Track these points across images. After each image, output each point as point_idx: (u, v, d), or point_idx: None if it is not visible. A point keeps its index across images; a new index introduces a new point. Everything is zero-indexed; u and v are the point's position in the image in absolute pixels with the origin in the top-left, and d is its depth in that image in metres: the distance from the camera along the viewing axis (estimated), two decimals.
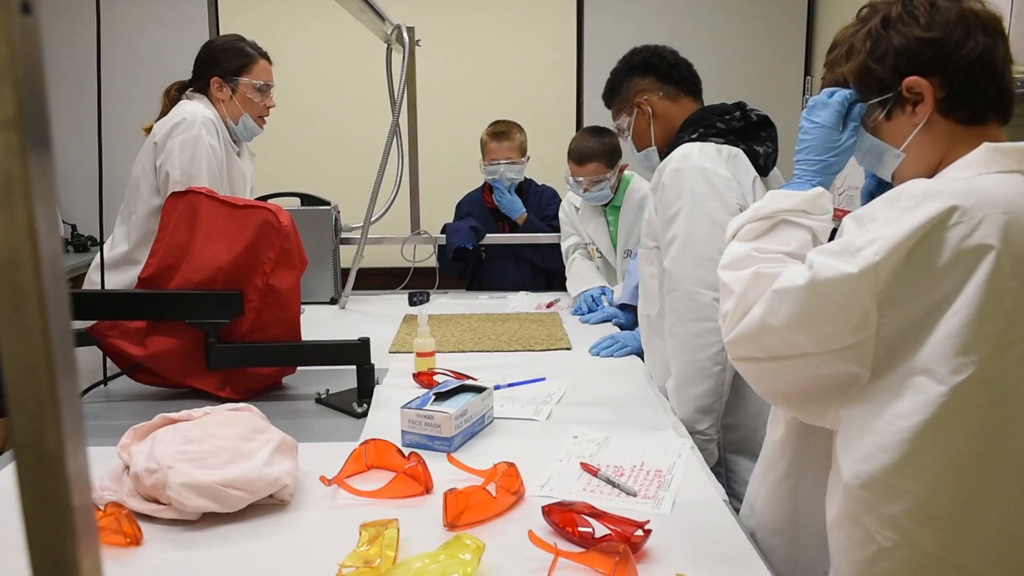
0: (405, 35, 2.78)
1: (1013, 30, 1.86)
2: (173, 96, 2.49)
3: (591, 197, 2.62)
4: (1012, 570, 0.96)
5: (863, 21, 1.14)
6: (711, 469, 1.43)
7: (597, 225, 2.69)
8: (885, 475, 0.96)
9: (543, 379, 1.88)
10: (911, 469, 0.95)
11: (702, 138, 1.76)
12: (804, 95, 3.38)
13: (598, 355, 2.10)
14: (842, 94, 1.18)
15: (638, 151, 1.99)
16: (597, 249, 2.73)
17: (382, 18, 2.66)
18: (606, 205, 2.69)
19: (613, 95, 2.00)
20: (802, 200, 1.17)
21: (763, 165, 1.77)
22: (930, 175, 1.09)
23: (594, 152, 2.56)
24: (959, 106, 1.08)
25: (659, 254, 1.76)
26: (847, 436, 1.01)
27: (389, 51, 2.95)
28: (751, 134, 1.80)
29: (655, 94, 1.91)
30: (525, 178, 3.09)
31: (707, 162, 1.67)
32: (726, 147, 1.74)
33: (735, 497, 1.65)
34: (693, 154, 1.69)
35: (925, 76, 1.08)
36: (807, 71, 4.27)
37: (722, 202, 1.64)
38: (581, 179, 2.58)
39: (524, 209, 3.03)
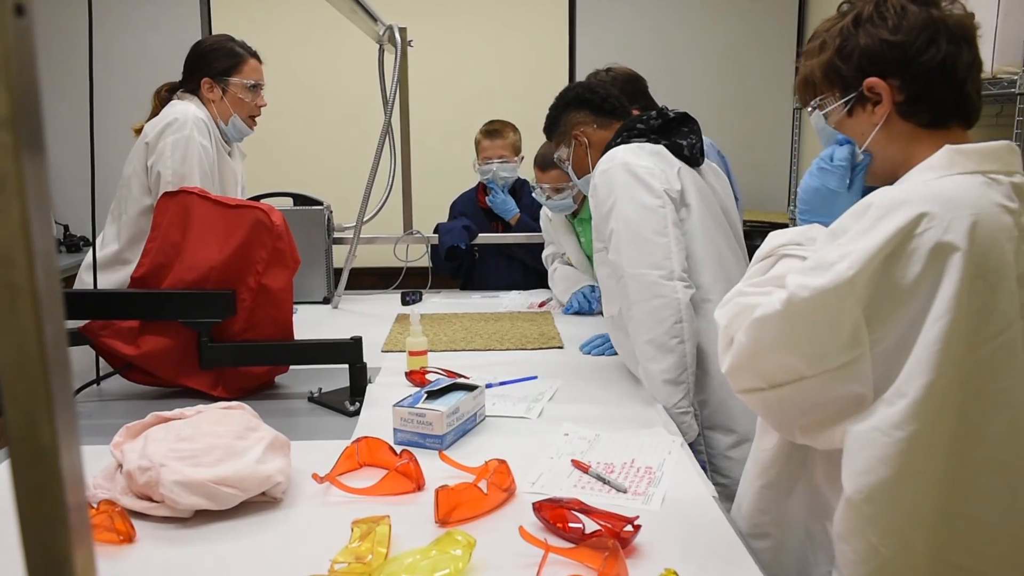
0: (397, 36, 2.79)
1: (1000, 32, 1.88)
2: (164, 97, 2.49)
3: (553, 205, 2.60)
4: (997, 560, 0.99)
5: (840, 16, 1.17)
6: (690, 445, 1.50)
7: (567, 236, 2.68)
8: (886, 487, 0.97)
9: (535, 377, 1.89)
10: (908, 478, 0.96)
11: (625, 140, 1.89)
12: (794, 96, 3.39)
13: (589, 354, 2.11)
14: (845, 155, 1.20)
15: (578, 178, 2.12)
16: (569, 261, 2.73)
17: (374, 19, 2.67)
18: (573, 216, 2.68)
19: (552, 129, 2.13)
20: (795, 234, 1.19)
21: (689, 155, 1.88)
22: (895, 174, 1.13)
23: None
24: (918, 110, 1.11)
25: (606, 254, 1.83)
26: (849, 451, 1.01)
27: (381, 52, 2.96)
28: (671, 130, 1.92)
29: (590, 126, 2.05)
30: (519, 178, 3.09)
31: (630, 157, 1.79)
32: (648, 144, 1.85)
33: (716, 472, 1.73)
34: (617, 154, 1.81)
35: (885, 78, 1.11)
36: (797, 73, 4.29)
37: (647, 187, 1.74)
38: (545, 186, 2.57)
39: (517, 209, 3.04)
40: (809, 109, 1.24)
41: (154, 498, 1.17)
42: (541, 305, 2.72)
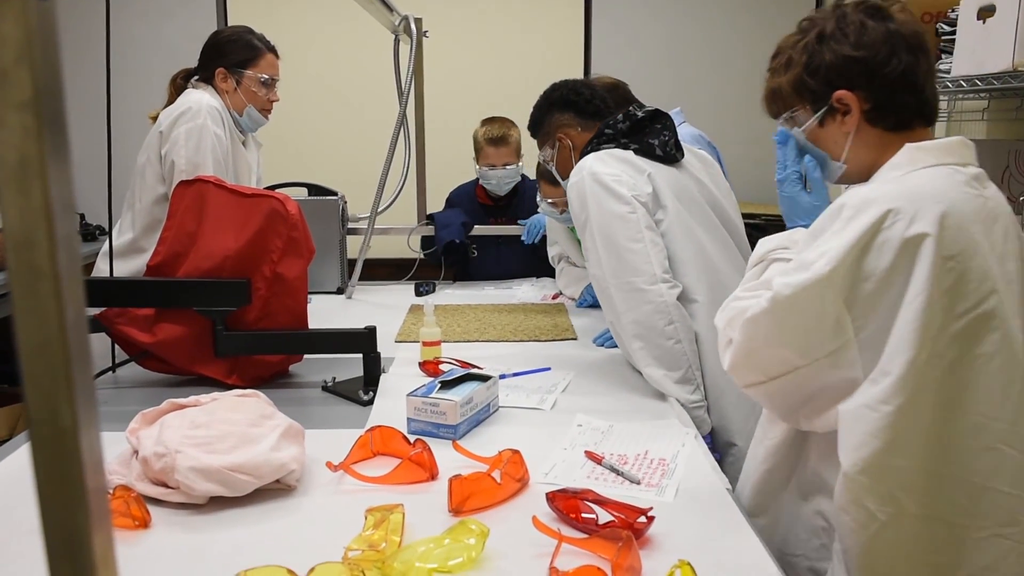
0: (413, 26, 2.78)
1: (1021, 25, 1.87)
2: (179, 85, 2.50)
3: (561, 219, 2.49)
4: (982, 515, 1.07)
5: (803, 33, 1.25)
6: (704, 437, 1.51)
7: (570, 243, 2.65)
8: (878, 458, 1.05)
9: (548, 369, 1.89)
10: (897, 447, 1.05)
11: (595, 148, 1.88)
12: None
13: (603, 346, 2.11)
14: (787, 161, 1.32)
15: (563, 180, 2.09)
16: (573, 263, 2.71)
17: (390, 9, 2.66)
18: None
19: (537, 129, 2.12)
20: (782, 239, 1.28)
21: (663, 154, 1.87)
22: (869, 174, 1.22)
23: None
24: (884, 116, 1.20)
25: None
26: (843, 429, 1.09)
27: (397, 42, 2.96)
28: (642, 130, 1.90)
29: (574, 128, 2.04)
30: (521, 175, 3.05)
31: (597, 166, 1.78)
32: (617, 150, 1.85)
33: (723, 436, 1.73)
34: (585, 164, 1.81)
35: (852, 90, 1.20)
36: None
37: (615, 195, 1.74)
38: (551, 200, 2.45)
39: (543, 228, 2.92)
40: (780, 121, 1.32)
41: (169, 484, 1.18)
42: (555, 297, 2.72)
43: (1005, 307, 1.06)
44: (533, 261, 3.04)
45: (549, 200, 2.45)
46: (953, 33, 2.23)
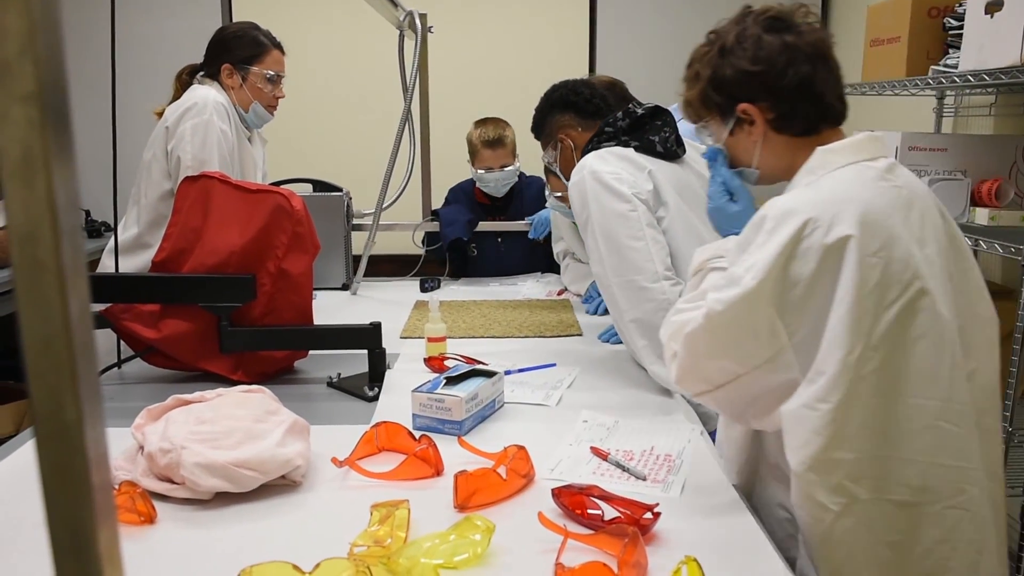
0: (418, 22, 2.77)
1: None
2: (184, 81, 2.50)
3: (567, 212, 2.39)
4: (931, 491, 1.11)
5: (709, 45, 1.30)
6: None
7: (575, 240, 2.64)
8: (823, 453, 1.08)
9: (553, 365, 1.89)
10: (840, 441, 1.08)
11: (595, 147, 1.88)
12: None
13: (608, 342, 2.10)
14: (719, 162, 1.38)
15: (566, 180, 2.08)
16: (579, 259, 2.70)
17: (395, 4, 2.66)
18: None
19: (539, 130, 2.13)
20: (716, 247, 1.33)
21: (663, 150, 1.87)
22: (785, 176, 1.28)
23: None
24: (789, 125, 1.25)
25: None
26: (786, 430, 1.13)
27: (401, 38, 2.95)
28: (642, 127, 1.90)
29: (575, 129, 2.06)
30: (519, 175, 3.03)
31: (597, 164, 1.79)
32: (617, 148, 1.85)
33: None
34: (585, 163, 1.81)
35: (755, 103, 1.25)
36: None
37: (615, 194, 1.75)
38: (558, 193, 2.35)
39: (549, 224, 2.91)
40: (697, 131, 1.39)
41: (175, 480, 1.18)
42: (560, 293, 2.72)
43: (928, 290, 1.10)
44: (533, 258, 3.03)
45: (557, 194, 2.43)
46: (960, 27, 2.22)
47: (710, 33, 1.32)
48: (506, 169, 2.94)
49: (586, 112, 2.05)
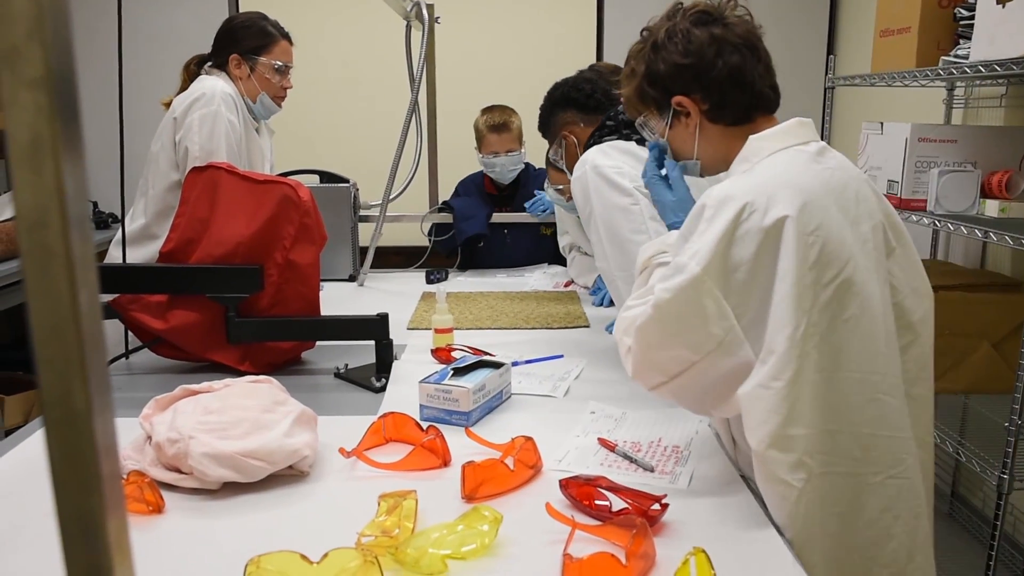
0: (424, 12, 2.76)
1: None
2: (192, 71, 2.50)
3: (569, 207, 2.35)
4: (873, 462, 1.15)
5: (643, 42, 1.36)
6: None
7: (580, 233, 2.63)
8: (780, 430, 1.11)
9: (561, 356, 1.89)
10: (794, 417, 1.11)
11: (597, 142, 1.89)
12: (827, 74, 3.34)
13: (614, 333, 2.09)
14: (653, 154, 1.45)
15: (571, 175, 2.07)
16: (584, 252, 2.69)
17: None
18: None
19: (545, 129, 2.14)
20: (659, 244, 1.36)
21: None
22: (724, 165, 1.33)
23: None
24: (722, 114, 1.31)
25: None
26: (745, 411, 1.15)
27: (408, 28, 2.94)
28: None
29: (577, 124, 2.08)
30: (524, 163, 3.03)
31: (598, 159, 1.79)
32: (619, 141, 1.86)
33: None
34: (587, 158, 1.81)
35: (688, 95, 1.31)
36: (830, 50, 4.23)
37: (617, 188, 1.75)
38: (559, 187, 2.34)
39: (551, 208, 2.89)
40: (638, 126, 1.45)
41: (183, 470, 1.18)
42: (567, 285, 2.71)
43: (861, 270, 1.15)
44: (540, 251, 3.03)
45: (557, 187, 2.41)
46: (971, 18, 2.20)
47: (643, 30, 1.38)
48: (511, 154, 2.95)
49: (587, 107, 2.06)
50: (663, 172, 1.47)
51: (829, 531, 1.13)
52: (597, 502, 1.12)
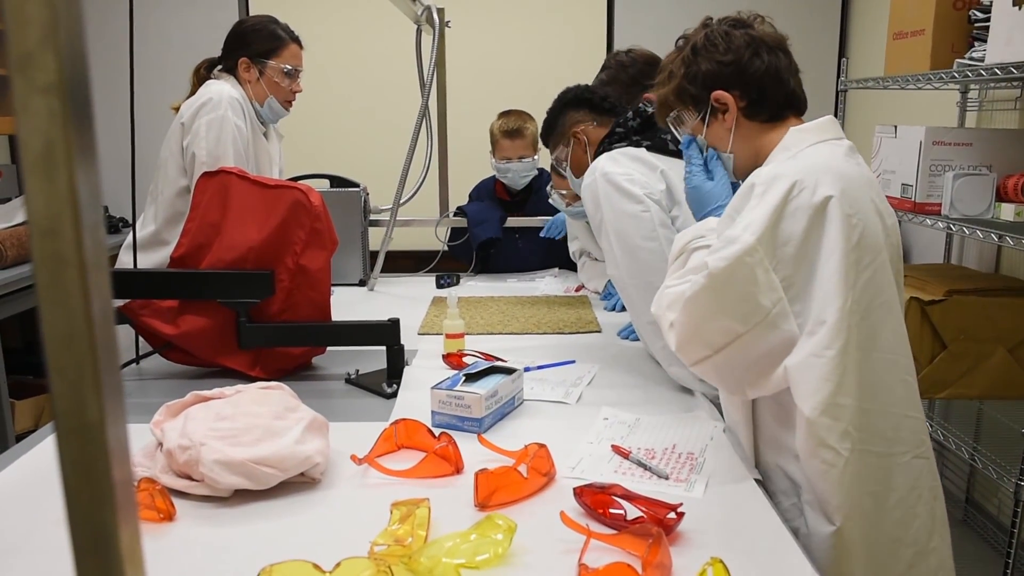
0: (435, 16, 2.76)
1: None
2: (202, 75, 2.49)
3: (573, 212, 2.41)
4: (901, 441, 1.22)
5: (679, 50, 1.43)
6: None
7: (590, 238, 2.62)
8: (832, 398, 1.17)
9: (573, 362, 1.87)
10: (843, 387, 1.17)
11: (607, 148, 1.89)
12: (839, 77, 3.32)
13: (627, 339, 2.09)
14: (694, 154, 1.48)
15: (577, 178, 2.10)
16: (595, 258, 2.68)
17: None
18: None
19: (549, 132, 2.14)
20: (696, 229, 1.39)
21: (676, 149, 1.82)
22: (754, 164, 1.37)
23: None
24: (759, 110, 1.38)
25: None
26: (796, 381, 1.20)
27: (419, 33, 2.94)
28: (652, 126, 1.90)
29: (589, 124, 2.08)
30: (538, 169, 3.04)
31: (609, 166, 1.78)
32: (629, 148, 1.86)
33: None
34: (597, 165, 1.81)
35: (727, 90, 1.37)
36: (842, 53, 4.21)
37: (628, 195, 1.75)
38: (564, 192, 2.36)
39: (564, 228, 2.89)
40: (669, 123, 1.50)
41: (194, 477, 1.17)
42: (578, 289, 2.70)
43: (886, 260, 1.23)
44: (551, 255, 3.03)
45: (562, 192, 2.39)
46: (986, 20, 2.18)
47: (678, 40, 1.46)
48: (524, 160, 2.94)
49: (601, 109, 2.06)
50: (702, 162, 1.50)
51: (863, 509, 1.19)
52: (612, 510, 1.11)
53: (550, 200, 2.47)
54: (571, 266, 2.94)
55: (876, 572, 1.20)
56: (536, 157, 2.98)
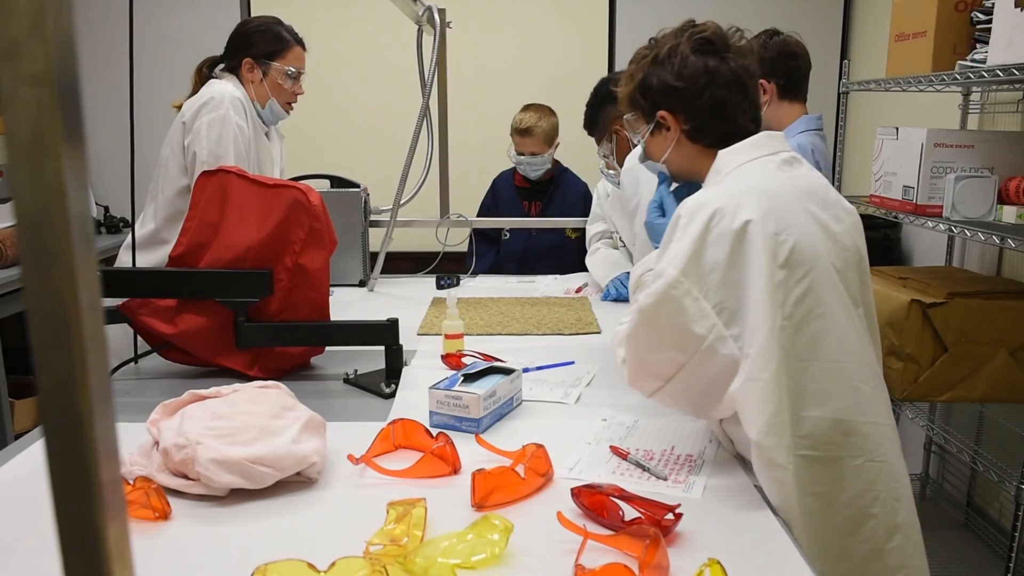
0: (436, 17, 2.75)
1: None
2: (204, 74, 2.49)
3: (614, 179, 2.46)
4: (854, 447, 1.23)
5: (648, 50, 1.43)
6: None
7: (622, 219, 2.63)
8: (774, 418, 1.18)
9: (572, 362, 1.87)
10: (781, 404, 1.19)
11: None
12: (841, 79, 3.32)
13: (608, 299, 2.10)
14: (658, 199, 1.54)
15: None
16: (620, 239, 2.69)
17: None
18: None
19: (593, 126, 2.15)
20: (646, 262, 1.42)
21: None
22: (696, 177, 1.42)
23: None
24: (701, 137, 1.39)
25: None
26: (740, 406, 1.22)
27: (420, 33, 2.93)
28: None
29: None
30: (560, 166, 3.08)
31: None
32: None
33: None
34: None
35: (672, 113, 1.39)
36: (844, 55, 4.20)
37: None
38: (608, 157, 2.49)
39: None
40: (625, 119, 1.52)
41: (190, 476, 1.17)
42: (578, 290, 2.69)
43: (828, 268, 1.24)
44: (563, 252, 3.05)
45: (611, 172, 2.36)
46: (989, 22, 2.18)
47: (651, 39, 1.45)
48: (534, 156, 3.08)
49: None
50: (659, 201, 1.56)
51: (809, 508, 1.19)
52: (609, 511, 1.10)
53: (605, 179, 2.49)
54: (582, 267, 2.94)
55: (826, 564, 1.19)
56: (549, 153, 3.08)
